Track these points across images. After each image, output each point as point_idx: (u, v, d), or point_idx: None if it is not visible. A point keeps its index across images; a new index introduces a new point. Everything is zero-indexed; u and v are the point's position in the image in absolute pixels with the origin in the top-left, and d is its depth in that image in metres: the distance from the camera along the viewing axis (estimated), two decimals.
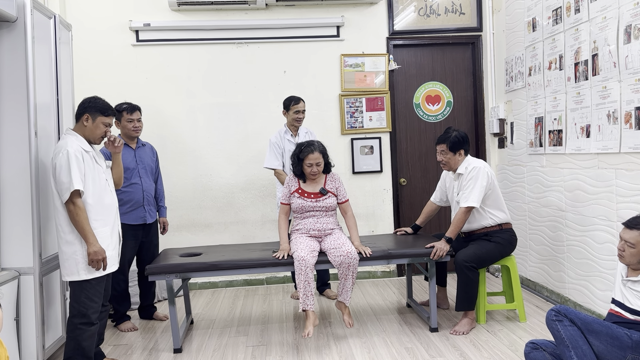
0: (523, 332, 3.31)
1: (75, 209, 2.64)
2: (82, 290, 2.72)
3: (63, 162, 2.63)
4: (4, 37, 2.79)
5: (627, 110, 2.99)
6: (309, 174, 3.35)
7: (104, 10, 4.61)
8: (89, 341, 2.74)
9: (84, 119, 2.78)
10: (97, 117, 2.79)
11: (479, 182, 3.33)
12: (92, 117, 2.78)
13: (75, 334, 2.71)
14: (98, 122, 2.80)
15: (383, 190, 4.87)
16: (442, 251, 3.29)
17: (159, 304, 4.29)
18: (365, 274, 4.87)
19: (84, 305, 2.71)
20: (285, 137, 4.16)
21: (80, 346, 2.72)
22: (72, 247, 2.69)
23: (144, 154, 3.72)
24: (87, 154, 2.74)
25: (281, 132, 4.20)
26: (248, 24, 4.67)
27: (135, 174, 3.63)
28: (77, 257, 2.68)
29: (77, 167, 2.65)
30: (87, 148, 2.77)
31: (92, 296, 2.74)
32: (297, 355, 3.09)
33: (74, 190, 2.62)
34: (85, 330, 2.72)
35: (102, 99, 2.87)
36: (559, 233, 3.74)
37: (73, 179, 2.62)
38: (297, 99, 4.14)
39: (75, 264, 2.69)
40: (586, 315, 2.30)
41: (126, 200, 3.58)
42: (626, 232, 2.30)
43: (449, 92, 4.96)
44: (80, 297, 2.72)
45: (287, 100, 4.16)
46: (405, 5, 4.85)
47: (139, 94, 4.60)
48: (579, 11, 3.44)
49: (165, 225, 3.94)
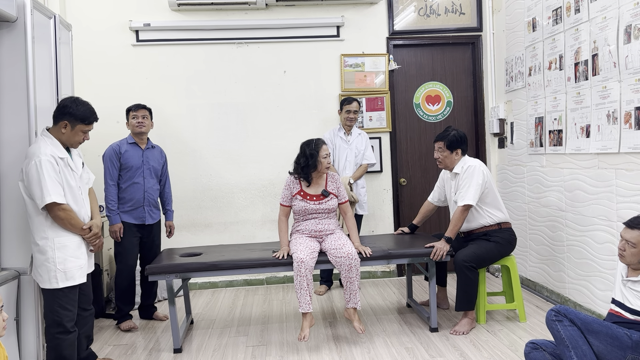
0: (523, 332, 3.31)
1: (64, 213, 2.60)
2: (55, 298, 2.63)
3: (33, 172, 2.53)
4: (4, 37, 2.79)
5: (627, 110, 2.99)
6: (324, 166, 3.35)
7: (104, 11, 4.61)
8: (69, 349, 2.66)
9: (62, 125, 2.64)
10: (76, 125, 2.65)
11: (475, 180, 3.33)
12: (71, 125, 2.64)
13: (54, 343, 2.64)
14: (77, 130, 2.66)
15: (383, 190, 4.87)
16: (442, 251, 3.29)
17: (159, 304, 4.29)
18: (365, 274, 4.87)
19: (58, 315, 2.63)
20: (339, 135, 4.40)
21: (61, 355, 2.65)
22: (44, 255, 2.61)
23: (151, 155, 3.74)
24: (61, 160, 2.62)
25: (335, 129, 4.45)
26: (248, 24, 4.67)
27: (139, 173, 3.66)
28: (48, 265, 2.60)
29: (50, 176, 2.54)
30: (61, 154, 2.64)
31: (65, 304, 2.64)
32: (297, 355, 3.09)
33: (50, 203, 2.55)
34: (63, 340, 2.64)
35: (84, 102, 2.69)
36: (559, 233, 3.74)
37: (45, 191, 2.53)
38: (350, 100, 4.35)
39: (47, 272, 2.61)
40: (586, 316, 2.31)
41: (127, 199, 3.63)
42: (627, 232, 2.30)
43: (449, 92, 4.96)
44: (54, 305, 2.63)
45: (342, 100, 4.40)
46: (405, 5, 4.85)
47: (139, 94, 4.61)
48: (579, 11, 3.44)
49: (171, 229, 3.93)
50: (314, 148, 3.33)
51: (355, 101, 4.34)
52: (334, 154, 4.35)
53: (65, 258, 2.63)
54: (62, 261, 2.62)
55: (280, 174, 4.73)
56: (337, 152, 4.35)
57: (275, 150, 4.76)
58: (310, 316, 3.16)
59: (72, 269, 2.64)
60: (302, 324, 3.15)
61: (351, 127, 4.40)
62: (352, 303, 3.22)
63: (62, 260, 2.62)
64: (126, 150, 3.64)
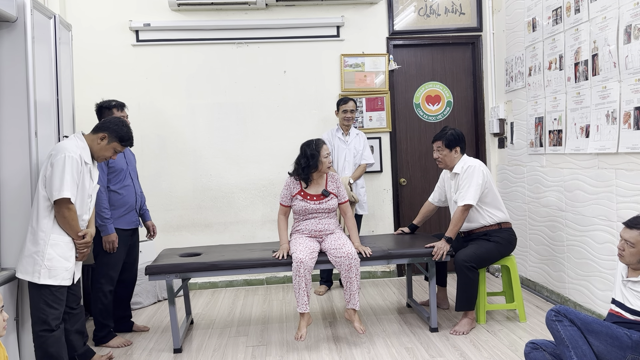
0: (523, 332, 3.31)
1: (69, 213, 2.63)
2: (41, 296, 2.62)
3: (59, 164, 2.60)
4: (4, 37, 2.79)
5: (627, 110, 2.99)
6: (325, 166, 3.35)
7: (104, 10, 4.61)
8: (55, 347, 2.64)
9: (100, 136, 2.79)
10: (113, 142, 2.82)
11: (475, 180, 3.34)
12: (109, 139, 2.81)
13: (40, 341, 2.62)
14: (112, 146, 2.82)
15: (383, 190, 4.87)
16: (442, 251, 3.29)
17: (158, 304, 4.29)
18: (365, 274, 4.87)
19: (43, 312, 2.61)
20: (337, 135, 4.38)
21: (47, 353, 2.63)
22: (36, 247, 2.61)
23: (130, 155, 3.58)
24: (85, 165, 2.71)
25: (333, 130, 4.43)
26: (248, 24, 4.67)
27: (127, 175, 3.46)
28: (37, 258, 2.59)
29: (71, 174, 2.61)
30: (87, 160, 2.74)
31: (51, 303, 2.63)
32: (297, 356, 3.09)
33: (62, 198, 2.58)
34: (47, 337, 2.62)
35: (128, 126, 2.90)
36: (558, 233, 3.74)
37: (64, 185, 2.57)
38: (346, 99, 4.34)
39: (33, 264, 2.59)
40: (586, 316, 2.31)
41: (120, 204, 3.38)
42: (626, 232, 2.30)
43: (449, 92, 4.96)
44: (39, 303, 2.62)
45: (338, 100, 4.39)
46: (405, 5, 4.85)
47: (138, 94, 4.61)
48: (579, 11, 3.44)
49: (153, 229, 3.69)
50: (314, 148, 3.33)
51: (352, 100, 4.33)
52: (333, 155, 4.35)
53: (54, 256, 2.63)
54: (50, 258, 2.61)
55: (280, 174, 4.73)
56: (336, 153, 4.36)
57: (275, 150, 4.77)
58: (308, 316, 3.16)
59: (57, 268, 2.63)
60: (299, 324, 3.16)
61: (349, 127, 4.39)
62: (352, 304, 3.21)
63: (51, 257, 2.62)
64: None
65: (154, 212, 4.60)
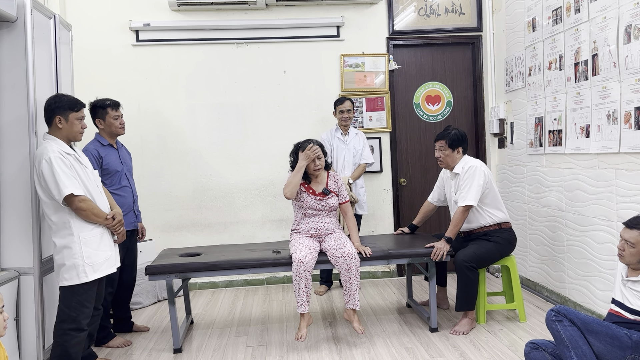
0: (523, 332, 3.31)
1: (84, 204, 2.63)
2: (74, 294, 2.65)
3: (46, 170, 2.58)
4: (4, 37, 2.79)
5: (627, 110, 2.99)
6: (312, 170, 3.34)
7: (104, 10, 4.61)
8: (76, 348, 2.66)
9: (57, 121, 2.71)
10: (68, 115, 2.71)
11: (476, 180, 3.33)
12: (64, 116, 2.71)
13: (63, 339, 2.63)
14: (71, 119, 2.72)
15: (383, 190, 4.87)
16: (442, 251, 3.29)
17: (158, 304, 4.29)
18: (365, 274, 4.87)
19: (75, 311, 2.64)
20: (336, 135, 4.39)
21: (67, 353, 2.64)
22: (71, 250, 2.63)
23: (125, 155, 3.54)
24: (69, 156, 2.68)
25: (332, 130, 4.43)
26: (248, 24, 4.67)
27: (123, 176, 3.42)
28: (76, 260, 2.63)
29: (62, 170, 2.59)
30: (68, 151, 2.70)
31: (84, 301, 2.67)
32: (297, 356, 3.09)
33: (68, 195, 2.58)
34: (74, 337, 2.64)
35: (65, 94, 2.78)
36: (558, 233, 3.74)
37: (61, 185, 2.56)
38: (342, 99, 4.34)
39: (74, 268, 2.63)
40: (586, 316, 2.31)
41: (121, 205, 3.32)
42: (626, 232, 2.30)
43: (449, 92, 4.96)
44: (72, 302, 2.64)
45: (335, 101, 4.39)
46: (405, 5, 4.85)
47: (138, 94, 4.61)
48: (579, 11, 3.44)
49: (143, 231, 3.63)
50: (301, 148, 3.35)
51: (348, 100, 4.32)
52: (332, 155, 4.34)
53: (91, 252, 2.68)
54: (88, 255, 2.67)
55: (281, 174, 4.73)
56: (335, 153, 4.35)
57: (275, 150, 4.76)
58: (308, 316, 3.16)
59: (98, 261, 2.70)
60: (299, 324, 3.16)
61: (347, 127, 4.39)
62: (352, 304, 3.21)
63: (89, 254, 2.67)
64: (106, 154, 3.32)
65: (154, 212, 4.61)
